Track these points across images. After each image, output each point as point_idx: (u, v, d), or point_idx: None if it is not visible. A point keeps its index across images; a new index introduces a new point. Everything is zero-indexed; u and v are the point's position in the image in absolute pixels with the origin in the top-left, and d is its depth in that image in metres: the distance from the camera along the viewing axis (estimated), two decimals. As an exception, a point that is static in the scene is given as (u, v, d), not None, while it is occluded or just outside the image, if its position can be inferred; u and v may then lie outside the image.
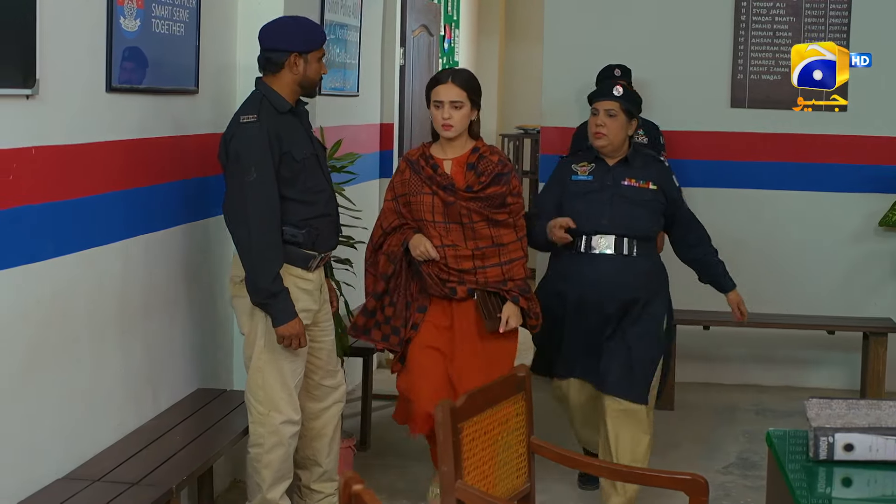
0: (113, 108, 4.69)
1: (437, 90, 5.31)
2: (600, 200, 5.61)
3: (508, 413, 3.89)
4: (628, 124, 5.66)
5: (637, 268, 5.59)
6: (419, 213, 5.34)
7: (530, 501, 3.99)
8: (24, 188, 4.02)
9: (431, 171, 5.34)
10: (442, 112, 5.29)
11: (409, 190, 5.37)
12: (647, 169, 5.70)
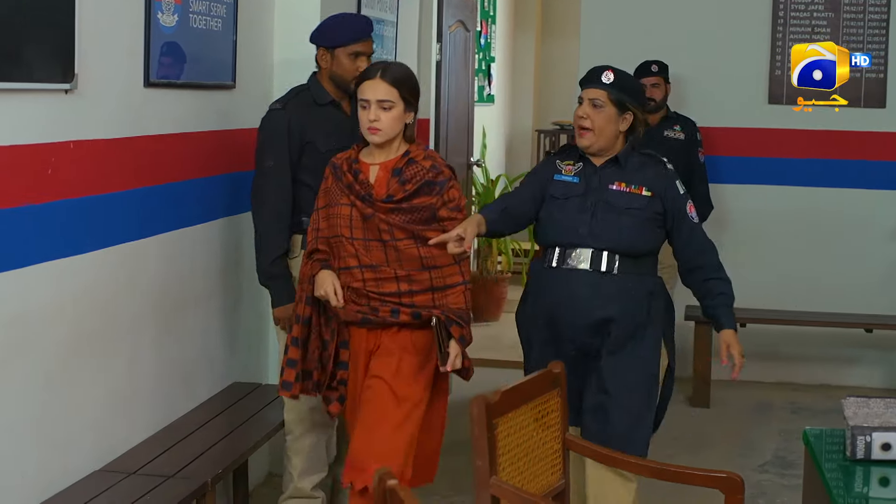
0: (150, 102, 4.71)
1: (362, 87, 4.45)
2: (581, 207, 4.66)
3: (543, 409, 3.88)
4: (619, 118, 4.65)
5: (615, 287, 4.61)
6: (336, 227, 4.48)
7: (565, 498, 3.98)
8: (62, 182, 4.04)
9: (352, 177, 4.48)
10: (368, 113, 4.41)
11: (329, 200, 4.53)
12: (643, 171, 4.69)
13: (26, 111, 3.86)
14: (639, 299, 4.64)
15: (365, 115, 4.41)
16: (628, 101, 4.65)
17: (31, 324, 3.93)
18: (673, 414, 7.47)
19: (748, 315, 7.82)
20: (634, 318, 4.61)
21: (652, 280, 4.72)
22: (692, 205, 4.74)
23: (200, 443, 4.79)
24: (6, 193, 3.76)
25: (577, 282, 4.62)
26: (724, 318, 4.75)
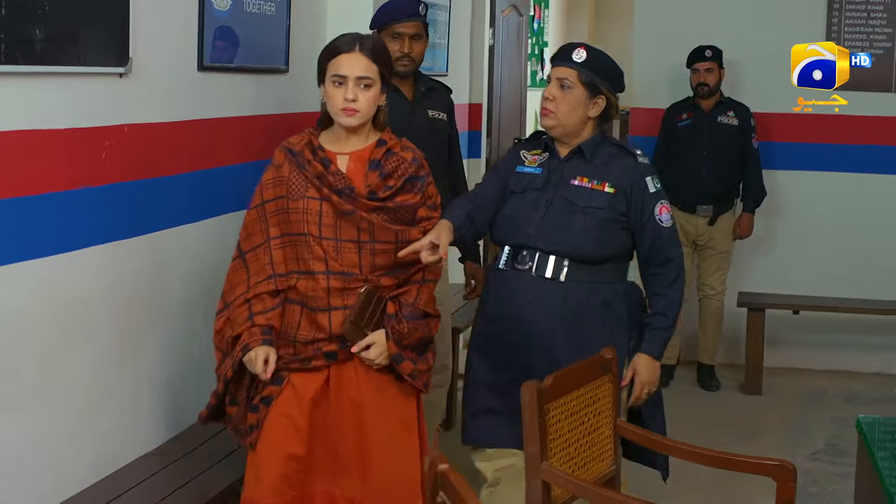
0: (204, 86, 4.73)
1: (337, 61, 3.86)
2: (535, 203, 4.21)
3: (595, 395, 3.87)
4: (589, 102, 4.20)
5: (558, 297, 4.14)
6: (301, 224, 3.84)
7: (616, 485, 3.97)
8: (116, 165, 4.06)
9: (322, 167, 3.87)
10: (345, 91, 3.84)
11: (288, 192, 3.87)
12: (610, 165, 4.20)
13: (82, 95, 3.89)
14: (588, 311, 4.15)
15: (339, 93, 3.84)
16: (601, 83, 4.19)
17: (89, 306, 3.96)
18: (725, 401, 7.48)
19: (801, 302, 7.80)
20: (581, 331, 4.13)
21: (609, 288, 4.18)
22: (666, 205, 4.21)
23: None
24: (63, 176, 3.79)
25: (519, 288, 4.20)
26: (647, 340, 4.17)
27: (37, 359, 3.77)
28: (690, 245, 7.70)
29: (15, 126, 3.53)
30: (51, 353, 3.80)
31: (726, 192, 7.63)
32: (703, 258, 7.75)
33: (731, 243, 7.73)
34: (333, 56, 3.88)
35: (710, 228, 7.62)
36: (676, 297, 4.22)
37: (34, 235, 3.67)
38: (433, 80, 5.21)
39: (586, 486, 3.59)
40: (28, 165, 3.61)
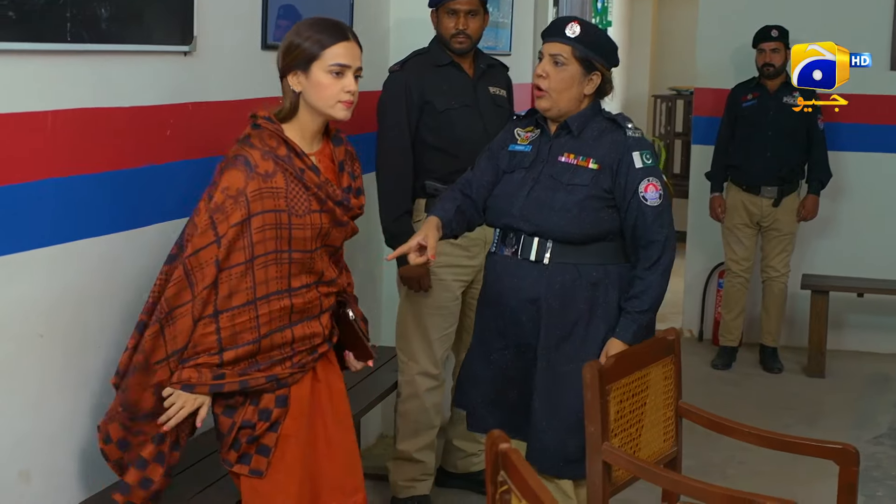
0: (268, 65, 4.72)
1: (336, 50, 3.53)
2: (522, 182, 4.05)
3: (657, 376, 3.86)
4: (584, 79, 4.00)
5: (544, 281, 3.98)
6: (306, 242, 3.55)
7: (677, 466, 3.96)
8: (180, 144, 4.08)
9: (315, 175, 3.55)
10: (344, 82, 3.54)
11: (289, 206, 3.49)
12: (599, 140, 4.00)
13: (146, 73, 3.91)
14: (574, 294, 3.97)
15: (338, 83, 3.52)
16: (595, 59, 3.99)
17: (152, 284, 3.97)
18: (788, 384, 7.44)
19: (865, 285, 7.75)
20: (566, 315, 3.97)
21: (599, 270, 3.99)
22: (654, 183, 3.96)
23: (314, 403, 4.81)
24: (127, 154, 3.81)
25: (506, 272, 4.07)
26: (620, 325, 3.96)
27: (117, 332, 3.80)
28: (754, 226, 7.66)
29: (80, 104, 3.56)
30: (127, 326, 3.83)
31: (791, 174, 7.57)
32: (766, 240, 7.70)
33: (795, 225, 7.67)
34: (333, 43, 3.53)
35: (774, 210, 7.56)
36: (654, 281, 3.94)
37: (100, 212, 3.70)
38: (492, 58, 5.21)
39: (647, 467, 3.59)
40: (93, 143, 3.63)
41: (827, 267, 8.09)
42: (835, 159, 7.73)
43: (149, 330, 3.41)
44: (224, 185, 3.43)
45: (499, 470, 2.60)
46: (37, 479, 3.50)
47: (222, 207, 3.41)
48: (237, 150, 3.51)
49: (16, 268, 3.34)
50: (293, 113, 3.59)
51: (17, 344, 3.38)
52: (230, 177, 3.44)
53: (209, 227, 3.40)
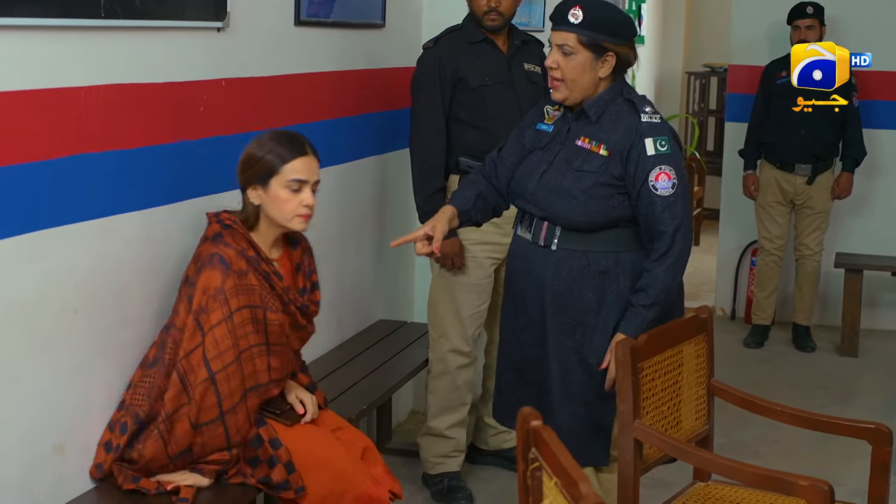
0: (301, 41, 4.74)
1: (295, 165, 3.70)
2: (538, 163, 3.94)
3: (689, 354, 3.85)
4: (596, 63, 3.80)
5: (551, 266, 3.88)
6: (278, 335, 3.75)
7: (709, 444, 3.96)
8: (214, 119, 4.09)
9: (279, 280, 3.76)
10: (303, 196, 3.71)
11: (262, 302, 3.68)
12: (615, 125, 3.82)
13: (179, 49, 3.91)
14: (581, 281, 3.85)
15: (296, 198, 3.69)
16: (605, 40, 3.78)
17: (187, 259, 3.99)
18: (821, 363, 7.41)
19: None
20: (573, 303, 3.86)
21: (609, 257, 3.84)
22: (667, 171, 3.75)
23: (346, 379, 4.85)
24: (161, 130, 3.82)
25: (518, 256, 4.02)
26: (625, 318, 3.81)
27: (151, 307, 3.83)
28: (788, 204, 7.62)
29: (114, 80, 3.56)
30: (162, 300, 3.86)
31: (825, 151, 7.52)
32: (800, 218, 7.66)
33: (829, 203, 7.63)
34: (292, 158, 3.70)
35: (808, 188, 7.52)
36: (660, 274, 3.76)
37: (134, 188, 3.71)
38: (527, 34, 5.19)
39: (678, 445, 3.58)
40: (127, 119, 3.64)
41: (861, 245, 8.05)
42: (869, 137, 7.68)
43: (151, 434, 3.57)
44: (203, 286, 3.59)
45: (530, 447, 2.60)
46: (71, 452, 3.53)
47: (205, 308, 3.57)
48: (211, 249, 3.65)
49: (51, 243, 3.35)
50: (255, 222, 3.75)
51: (53, 318, 3.40)
52: (208, 277, 3.59)
53: (196, 329, 3.57)
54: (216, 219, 3.71)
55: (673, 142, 3.81)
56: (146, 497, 3.55)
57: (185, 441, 3.58)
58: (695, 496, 3.85)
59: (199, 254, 3.67)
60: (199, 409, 3.55)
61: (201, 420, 3.57)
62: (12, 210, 3.20)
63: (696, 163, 11.28)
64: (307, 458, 3.73)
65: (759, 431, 5.93)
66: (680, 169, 3.80)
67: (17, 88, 3.18)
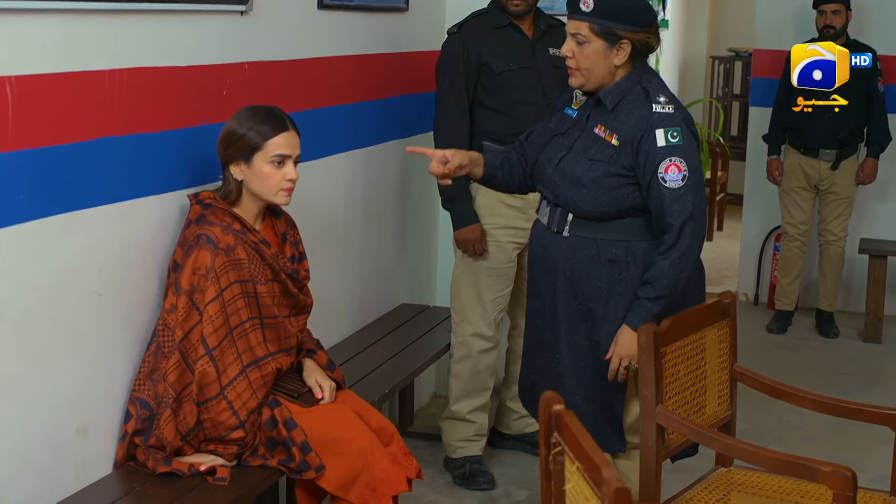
0: (324, 24, 4.74)
1: (278, 140, 3.74)
2: (558, 149, 3.92)
3: (712, 339, 3.85)
4: (611, 51, 3.76)
5: (563, 253, 3.88)
6: (272, 308, 3.81)
7: (731, 429, 3.95)
8: (237, 103, 4.09)
9: (267, 248, 3.81)
10: (286, 170, 3.76)
11: (251, 276, 3.73)
12: (629, 114, 3.76)
13: (203, 32, 3.92)
14: (592, 270, 3.84)
15: (279, 173, 3.73)
16: (619, 27, 3.73)
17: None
18: (844, 349, 7.39)
19: (925, 249, 7.67)
20: (583, 291, 3.86)
21: (620, 247, 3.82)
22: (677, 163, 3.70)
23: (368, 362, 4.86)
24: (184, 113, 3.83)
25: (535, 241, 4.03)
26: (631, 310, 3.79)
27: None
28: (812, 189, 7.59)
29: (138, 63, 3.57)
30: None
31: (850, 137, 7.49)
32: (824, 203, 7.63)
33: (853, 188, 7.60)
34: (275, 134, 3.73)
35: (832, 173, 7.49)
36: (665, 268, 3.71)
37: (157, 171, 3.72)
38: (552, 19, 5.17)
39: (701, 430, 3.58)
40: (151, 102, 3.65)
41: (885, 231, 8.01)
42: (895, 122, 7.63)
43: (163, 417, 3.59)
44: (193, 267, 3.62)
45: (552, 431, 2.60)
46: (94, 435, 3.54)
47: (198, 287, 3.61)
48: (196, 231, 3.68)
49: (74, 226, 3.36)
50: (238, 197, 3.79)
51: (76, 301, 3.41)
52: (197, 257, 3.63)
53: (192, 308, 3.61)
54: (196, 200, 3.75)
55: (687, 133, 3.75)
56: (170, 480, 3.56)
57: (192, 419, 3.62)
58: (717, 482, 3.85)
59: (185, 237, 3.71)
60: (199, 385, 3.60)
61: (204, 396, 3.62)
62: (36, 193, 3.21)
63: (720, 148, 11.24)
64: (326, 438, 3.76)
65: (782, 417, 5.92)
66: (693, 161, 3.74)
67: (41, 72, 3.19)
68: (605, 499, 2.29)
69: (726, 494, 3.78)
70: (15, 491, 3.24)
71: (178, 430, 3.62)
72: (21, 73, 3.11)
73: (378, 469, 3.78)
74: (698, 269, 3.96)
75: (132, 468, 3.61)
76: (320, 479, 3.74)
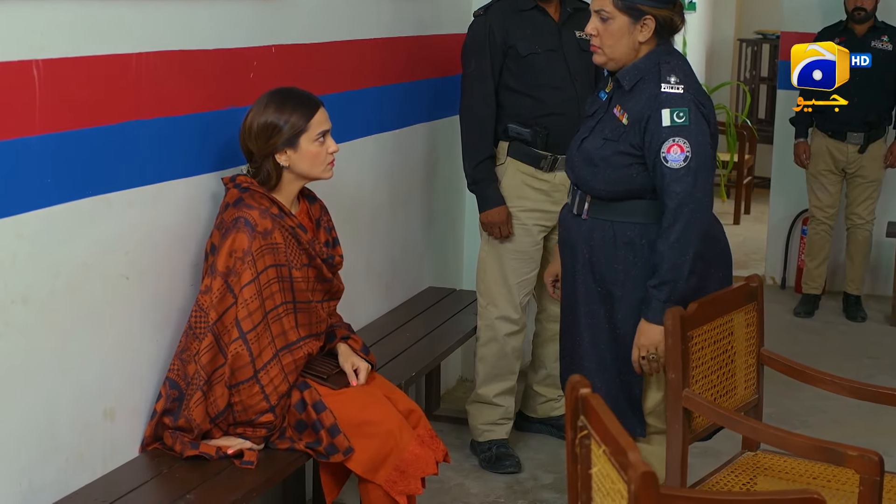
0: (350, 7, 4.74)
1: (318, 118, 3.79)
2: (583, 131, 3.95)
3: (739, 323, 3.84)
4: (634, 27, 3.75)
5: (582, 235, 3.90)
6: (305, 293, 3.85)
7: (758, 413, 3.94)
8: (263, 86, 4.08)
9: (304, 233, 3.84)
10: (328, 144, 3.83)
11: (287, 260, 3.77)
12: (638, 94, 3.76)
13: (229, 16, 3.92)
14: (609, 252, 3.86)
15: (324, 149, 3.81)
16: (642, 2, 3.71)
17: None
18: (871, 333, 7.37)
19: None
20: (602, 274, 3.88)
21: (636, 229, 3.82)
22: (680, 144, 3.68)
23: (395, 345, 4.86)
24: (211, 97, 3.83)
25: (561, 222, 4.08)
26: (645, 303, 3.79)
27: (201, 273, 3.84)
28: (839, 173, 7.55)
29: (164, 47, 3.57)
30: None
31: (878, 119, 7.44)
32: (851, 186, 7.59)
33: (881, 172, 7.55)
34: (314, 113, 3.79)
35: (860, 156, 7.45)
36: (664, 252, 3.70)
37: (184, 154, 3.72)
38: (579, 2, 5.16)
39: (727, 414, 3.57)
40: (177, 86, 3.66)
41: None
42: (923, 105, 7.59)
43: (193, 398, 3.61)
44: (230, 249, 3.64)
45: (579, 415, 2.60)
46: (121, 417, 3.55)
47: (234, 270, 3.63)
48: (234, 213, 3.69)
49: (102, 210, 3.37)
50: (276, 183, 3.81)
51: (104, 284, 3.42)
52: (235, 240, 3.64)
53: (226, 291, 3.63)
54: (233, 183, 3.76)
55: (696, 114, 3.71)
56: (197, 464, 3.58)
57: (223, 402, 3.63)
58: (744, 465, 3.84)
59: (223, 220, 3.72)
60: (231, 368, 3.61)
61: (237, 379, 3.63)
62: (63, 176, 3.22)
63: (748, 131, 11.19)
64: (355, 421, 3.77)
65: (809, 401, 5.90)
66: (698, 143, 3.70)
67: (68, 55, 3.20)
68: (631, 482, 2.29)
69: (753, 478, 3.77)
70: (44, 474, 3.26)
71: (208, 412, 3.63)
72: (48, 57, 3.12)
73: (407, 452, 3.79)
74: (720, 251, 3.96)
75: (159, 451, 3.63)
76: (349, 462, 3.75)
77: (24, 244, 3.12)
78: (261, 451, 3.68)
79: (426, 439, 3.91)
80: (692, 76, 3.82)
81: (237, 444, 3.65)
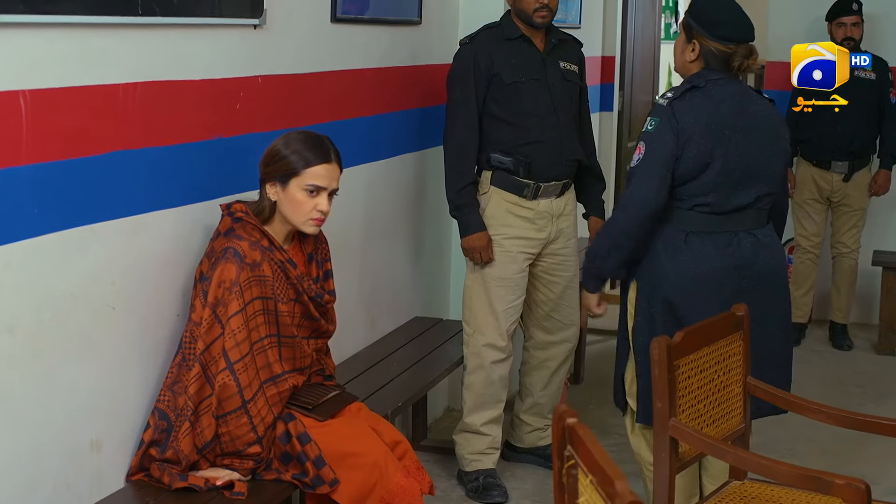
0: (337, 38, 4.75)
1: (317, 171, 3.76)
2: None
3: (725, 352, 3.84)
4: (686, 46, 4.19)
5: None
6: (289, 328, 3.83)
7: (745, 442, 3.94)
8: (251, 117, 4.10)
9: (293, 268, 3.83)
10: (318, 201, 3.78)
11: (274, 293, 3.76)
12: None
13: (216, 46, 3.93)
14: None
15: (311, 202, 3.77)
16: (695, 27, 4.08)
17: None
18: (858, 361, 7.37)
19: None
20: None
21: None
22: (640, 146, 4.05)
23: (381, 376, 4.86)
24: (197, 127, 3.83)
25: None
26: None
27: (188, 304, 3.83)
28: (824, 201, 7.57)
29: (151, 77, 3.58)
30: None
31: (862, 148, 7.47)
32: (837, 215, 7.62)
33: (866, 200, 7.58)
34: (316, 163, 3.77)
35: (844, 185, 7.48)
36: (603, 232, 4.21)
37: (170, 185, 3.73)
38: (564, 33, 5.19)
39: (715, 444, 3.57)
40: (164, 116, 3.66)
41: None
42: (908, 134, 7.62)
43: (182, 429, 3.60)
44: (219, 280, 3.64)
45: (566, 445, 2.60)
46: (108, 447, 3.55)
47: (222, 300, 3.63)
48: (224, 244, 3.70)
49: (89, 239, 3.37)
50: (270, 216, 3.82)
51: (91, 314, 3.42)
52: (223, 270, 3.64)
53: (214, 321, 3.63)
54: (227, 211, 3.77)
55: (664, 126, 3.99)
56: (184, 495, 3.56)
57: (210, 432, 3.62)
58: (731, 495, 3.84)
59: (213, 249, 3.73)
60: (219, 399, 3.61)
61: (224, 410, 3.62)
62: (51, 206, 3.22)
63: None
64: (340, 453, 3.76)
65: (795, 430, 5.90)
66: (655, 152, 3.99)
67: (55, 85, 3.20)
68: (618, 512, 2.29)
69: (740, 507, 3.77)
70: (30, 502, 3.24)
71: (195, 443, 3.62)
72: (35, 87, 3.12)
73: (392, 483, 3.78)
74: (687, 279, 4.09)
75: (146, 482, 3.61)
76: (334, 493, 3.73)
77: (11, 274, 3.11)
78: (249, 483, 3.67)
79: (412, 470, 3.90)
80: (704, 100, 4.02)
81: (225, 475, 3.64)
